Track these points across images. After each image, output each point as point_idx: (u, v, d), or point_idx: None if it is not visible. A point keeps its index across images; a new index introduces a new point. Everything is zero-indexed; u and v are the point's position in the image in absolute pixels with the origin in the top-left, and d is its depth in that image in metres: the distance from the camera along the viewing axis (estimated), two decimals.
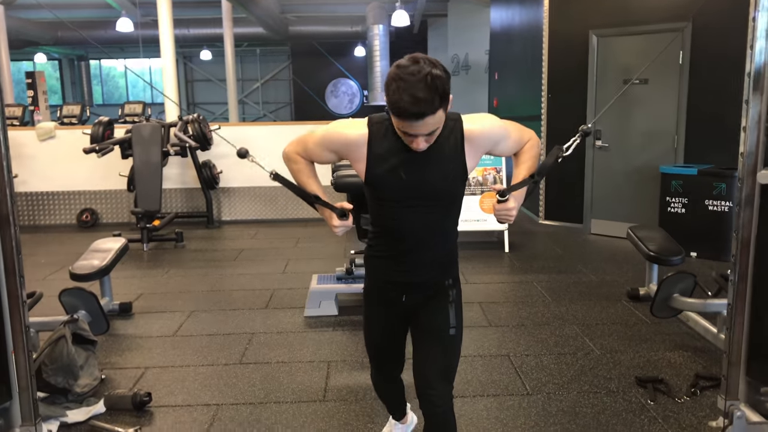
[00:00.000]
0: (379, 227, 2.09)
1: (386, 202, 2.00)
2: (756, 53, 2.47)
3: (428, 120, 1.75)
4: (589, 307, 4.52)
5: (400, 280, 2.07)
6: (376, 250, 2.12)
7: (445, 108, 1.79)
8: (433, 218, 2.00)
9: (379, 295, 2.17)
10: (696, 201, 5.69)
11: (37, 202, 7.84)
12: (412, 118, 1.74)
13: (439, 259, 2.07)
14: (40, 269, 5.80)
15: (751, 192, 2.55)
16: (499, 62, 10.16)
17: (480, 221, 6.22)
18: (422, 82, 1.69)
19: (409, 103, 1.71)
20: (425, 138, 1.82)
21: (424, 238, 2.01)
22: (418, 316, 2.11)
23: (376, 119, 1.97)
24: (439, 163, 1.92)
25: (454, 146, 1.93)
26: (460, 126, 1.95)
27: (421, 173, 1.92)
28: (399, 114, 1.75)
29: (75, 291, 3.81)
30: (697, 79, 6.00)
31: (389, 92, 1.75)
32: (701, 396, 3.17)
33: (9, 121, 10.22)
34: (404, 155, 1.91)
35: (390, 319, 2.17)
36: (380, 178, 1.95)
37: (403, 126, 1.78)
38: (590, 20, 6.66)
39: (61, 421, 2.98)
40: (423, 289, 2.09)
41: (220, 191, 7.86)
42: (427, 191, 1.94)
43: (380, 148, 1.93)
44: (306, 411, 3.10)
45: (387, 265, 2.08)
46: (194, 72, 22.96)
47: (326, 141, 2.02)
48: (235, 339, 4.04)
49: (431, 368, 2.05)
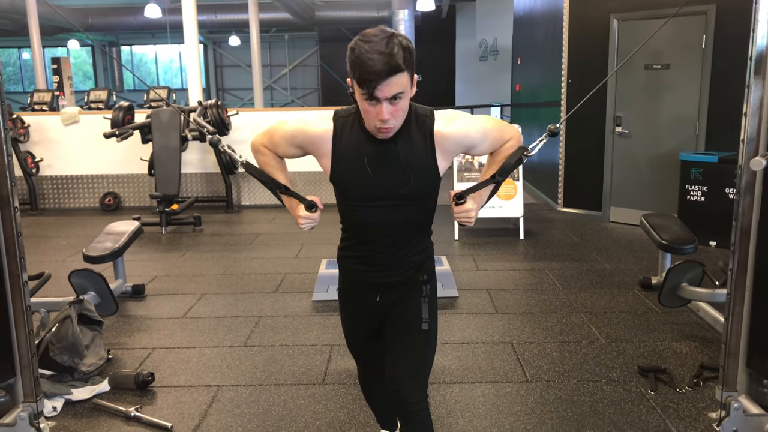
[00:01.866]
0: (349, 228, 2.02)
1: (354, 202, 1.92)
2: (758, 36, 2.39)
3: (394, 79, 1.67)
4: (599, 296, 4.47)
5: (373, 280, 2.01)
6: (347, 250, 2.05)
7: (411, 74, 1.73)
8: (404, 217, 1.92)
9: (354, 296, 2.10)
10: (716, 189, 5.56)
11: (61, 186, 8.01)
12: (377, 75, 1.65)
13: (413, 257, 1.99)
14: (60, 251, 5.94)
15: (751, 179, 2.49)
16: (521, 47, 10.03)
17: (495, 208, 6.17)
18: (386, 41, 1.66)
19: (373, 60, 1.64)
20: (391, 107, 1.72)
21: (396, 238, 1.94)
22: (390, 312, 2.03)
23: (342, 113, 1.90)
24: (408, 159, 1.83)
25: (423, 144, 1.85)
26: (431, 125, 1.85)
27: (389, 169, 1.84)
28: (362, 72, 1.66)
29: (84, 272, 3.89)
30: (720, 64, 5.85)
31: (352, 57, 1.67)
32: (704, 387, 3.13)
33: (38, 107, 10.46)
34: (370, 148, 1.83)
35: (367, 319, 2.11)
36: (345, 174, 1.87)
37: (367, 89, 1.68)
38: (611, 4, 6.52)
39: (65, 398, 3.06)
40: (397, 287, 2.01)
41: (240, 176, 7.94)
42: (396, 189, 1.85)
43: (345, 143, 1.86)
44: (304, 394, 3.14)
45: (359, 266, 2.02)
46: (223, 57, 23.15)
47: (291, 137, 1.94)
48: (242, 322, 4.09)
49: (401, 366, 1.95)
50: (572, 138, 7.10)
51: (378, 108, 1.72)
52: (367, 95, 1.70)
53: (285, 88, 22.84)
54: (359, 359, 2.27)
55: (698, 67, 6.00)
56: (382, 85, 1.67)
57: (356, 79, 1.70)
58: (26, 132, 7.66)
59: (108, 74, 23.24)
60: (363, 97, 1.72)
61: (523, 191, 6.32)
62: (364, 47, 1.66)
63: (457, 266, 5.13)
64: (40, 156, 7.76)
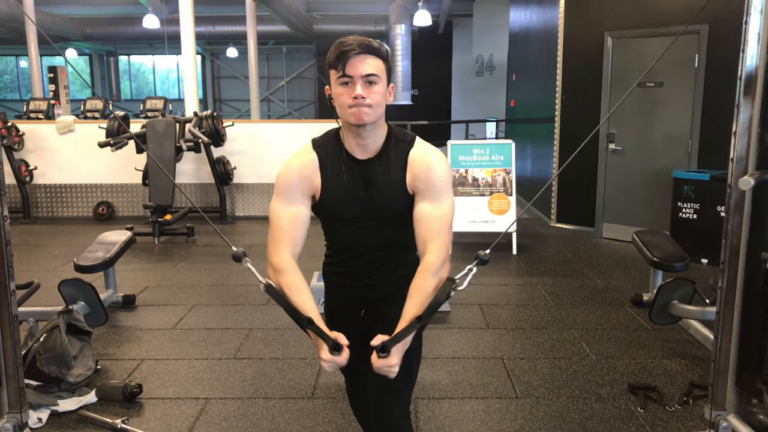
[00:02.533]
0: (332, 246, 2.02)
1: (336, 221, 1.93)
2: (747, 57, 2.42)
3: (369, 59, 1.72)
4: (590, 312, 4.47)
5: (357, 294, 2.01)
6: (332, 266, 2.04)
7: (387, 69, 1.78)
8: (386, 237, 1.92)
9: (339, 311, 2.09)
10: (707, 207, 5.59)
11: (55, 194, 7.99)
12: (351, 49, 1.71)
13: (398, 271, 1.98)
14: (52, 260, 5.92)
15: (740, 198, 2.51)
16: (517, 63, 10.09)
17: (488, 222, 6.18)
18: (366, 36, 1.77)
19: (349, 40, 1.72)
20: (365, 89, 1.73)
21: (379, 255, 1.94)
22: (374, 327, 1.95)
23: (320, 141, 1.90)
24: (385, 181, 1.84)
25: (399, 166, 1.85)
26: (408, 149, 1.86)
27: (368, 190, 1.85)
28: (338, 52, 1.72)
29: (74, 282, 3.88)
30: (713, 82, 5.89)
31: (331, 49, 1.75)
32: (693, 405, 3.12)
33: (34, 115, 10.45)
34: (351, 169, 1.85)
35: (352, 333, 2.02)
36: (332, 195, 1.87)
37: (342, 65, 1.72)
38: (605, 22, 6.58)
39: (51, 409, 3.04)
40: (381, 301, 2.00)
41: (234, 187, 7.93)
42: (375, 209, 1.86)
43: (331, 168, 1.86)
44: (293, 408, 3.12)
45: (344, 281, 2.02)
46: (221, 69, 23.20)
47: (288, 186, 1.86)
48: (232, 334, 4.07)
49: (382, 385, 1.87)
50: (566, 154, 7.12)
51: (352, 88, 1.73)
52: (341, 72, 1.72)
53: (282, 100, 22.89)
54: (346, 373, 2.25)
55: (691, 86, 6.04)
56: (355, 60, 1.71)
57: (332, 60, 1.74)
58: (21, 140, 7.65)
59: (105, 83, 23.26)
60: (338, 79, 1.75)
61: (516, 206, 6.33)
62: (343, 39, 1.76)
63: None
64: (34, 164, 7.74)
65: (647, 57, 6.27)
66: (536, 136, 8.43)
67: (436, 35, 17.88)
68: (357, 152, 1.85)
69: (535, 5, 8.63)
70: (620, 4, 6.54)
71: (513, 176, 6.24)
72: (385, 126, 1.87)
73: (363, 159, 1.85)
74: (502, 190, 6.22)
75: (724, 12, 5.42)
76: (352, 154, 1.85)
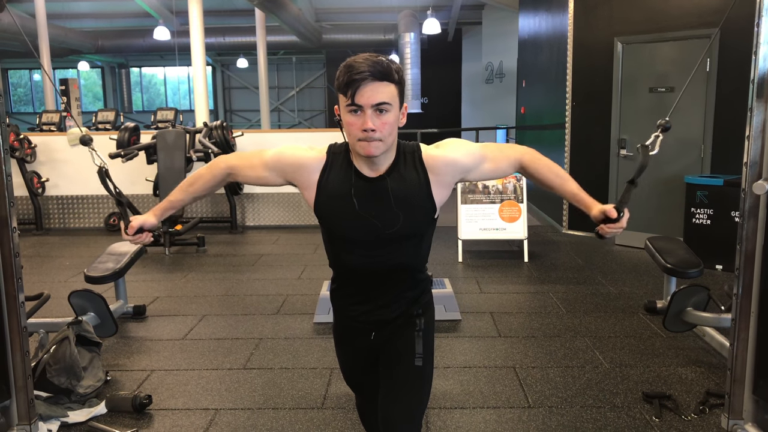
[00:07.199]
0: (337, 270, 1.94)
1: (340, 242, 1.85)
2: (760, 59, 2.39)
3: (380, 86, 1.62)
4: (603, 320, 4.41)
5: (366, 318, 1.93)
6: (339, 290, 1.97)
7: (400, 92, 1.69)
8: (395, 260, 1.83)
9: (348, 335, 2.02)
10: (722, 212, 5.52)
11: (67, 206, 8.04)
12: (361, 76, 1.61)
13: (407, 293, 1.90)
14: (63, 271, 5.94)
15: (755, 203, 2.47)
16: (526, 70, 10.06)
17: (500, 230, 6.14)
18: (377, 55, 1.66)
19: (360, 63, 1.62)
20: (377, 119, 1.65)
21: (387, 279, 1.86)
22: (384, 348, 1.94)
23: (335, 148, 1.83)
24: (399, 197, 1.75)
25: (416, 177, 1.77)
26: (420, 155, 1.79)
27: (378, 208, 1.75)
28: (348, 76, 1.63)
29: (84, 293, 3.88)
30: (725, 86, 5.84)
31: (340, 69, 1.66)
32: (710, 414, 3.06)
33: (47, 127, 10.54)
34: (359, 185, 1.76)
35: (362, 356, 2.03)
36: (331, 208, 1.80)
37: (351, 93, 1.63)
38: (615, 27, 6.55)
39: (61, 421, 3.03)
40: (391, 322, 1.92)
41: (244, 197, 7.94)
42: (384, 229, 1.76)
43: (334, 177, 1.79)
44: (303, 418, 3.09)
45: (352, 305, 1.94)
46: (231, 79, 23.33)
47: (278, 161, 1.85)
48: (242, 344, 4.06)
49: (394, 408, 1.84)
50: (577, 160, 7.07)
51: (362, 118, 1.65)
52: (350, 101, 1.64)
53: (292, 110, 22.97)
54: (356, 391, 2.22)
55: (703, 90, 5.99)
56: (366, 89, 1.62)
57: (341, 84, 1.66)
58: (33, 152, 7.71)
59: (117, 95, 23.45)
60: (347, 107, 1.66)
61: (527, 213, 6.29)
62: (352, 60, 1.66)
63: (461, 289, 5.09)
64: (46, 176, 7.79)
65: (658, 62, 6.23)
66: (547, 143, 8.38)
67: (445, 43, 17.91)
68: (366, 170, 1.77)
69: (544, 12, 8.60)
70: (630, 10, 6.51)
71: (524, 183, 6.20)
72: (395, 145, 1.78)
73: (373, 177, 1.77)
74: (513, 197, 6.18)
75: (735, 15, 5.37)
76: (361, 172, 1.78)
